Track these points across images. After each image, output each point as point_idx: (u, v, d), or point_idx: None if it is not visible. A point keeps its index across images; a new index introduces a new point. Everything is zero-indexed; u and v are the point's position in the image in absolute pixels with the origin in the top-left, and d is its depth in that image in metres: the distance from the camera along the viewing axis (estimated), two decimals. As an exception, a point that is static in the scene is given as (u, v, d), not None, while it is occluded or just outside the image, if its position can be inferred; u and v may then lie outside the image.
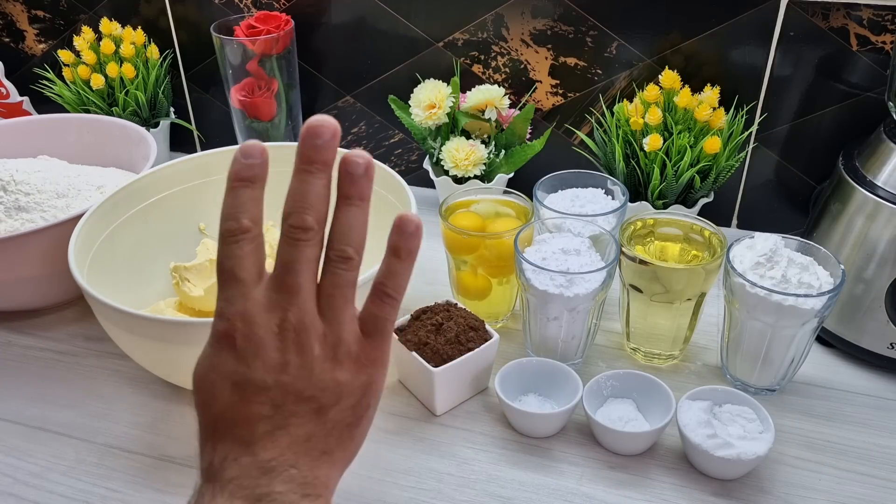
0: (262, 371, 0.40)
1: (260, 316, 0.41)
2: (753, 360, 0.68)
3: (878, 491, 0.61)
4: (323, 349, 0.41)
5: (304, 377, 0.41)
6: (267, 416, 0.40)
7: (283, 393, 0.40)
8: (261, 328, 0.40)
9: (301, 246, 0.42)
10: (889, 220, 0.68)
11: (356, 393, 0.42)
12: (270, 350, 0.40)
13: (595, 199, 0.78)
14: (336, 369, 0.41)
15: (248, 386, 0.40)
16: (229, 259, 0.41)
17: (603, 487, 0.61)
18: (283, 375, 0.40)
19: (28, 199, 0.78)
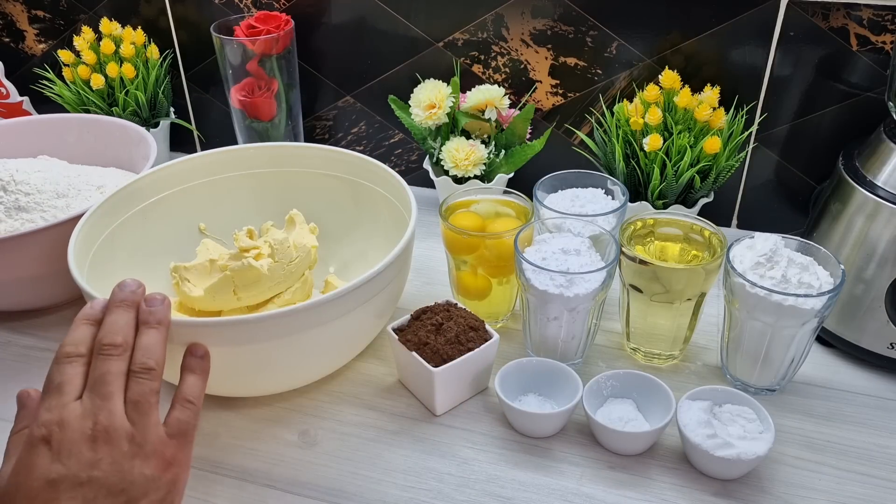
0: (76, 467, 0.45)
1: (75, 421, 0.47)
2: (753, 360, 0.68)
3: (878, 491, 0.61)
4: (131, 447, 0.47)
5: (114, 472, 0.46)
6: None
7: (96, 487, 0.45)
8: (75, 431, 0.46)
9: (111, 360, 0.49)
10: (889, 220, 0.68)
11: (162, 489, 0.48)
12: (84, 449, 0.46)
13: (595, 199, 0.78)
14: (144, 465, 0.47)
15: (62, 482, 0.45)
16: (60, 375, 0.49)
17: (603, 487, 0.61)
18: (95, 471, 0.45)
19: (28, 199, 0.78)
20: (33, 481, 0.45)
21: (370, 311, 0.65)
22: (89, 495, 0.45)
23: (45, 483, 0.45)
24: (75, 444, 0.46)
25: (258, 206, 0.84)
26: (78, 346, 0.50)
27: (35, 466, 0.45)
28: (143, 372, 0.50)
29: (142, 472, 0.47)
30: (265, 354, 0.62)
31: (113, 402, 0.48)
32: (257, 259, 0.71)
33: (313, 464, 0.64)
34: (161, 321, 0.53)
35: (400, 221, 0.74)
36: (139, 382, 0.49)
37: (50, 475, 0.45)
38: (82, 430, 0.46)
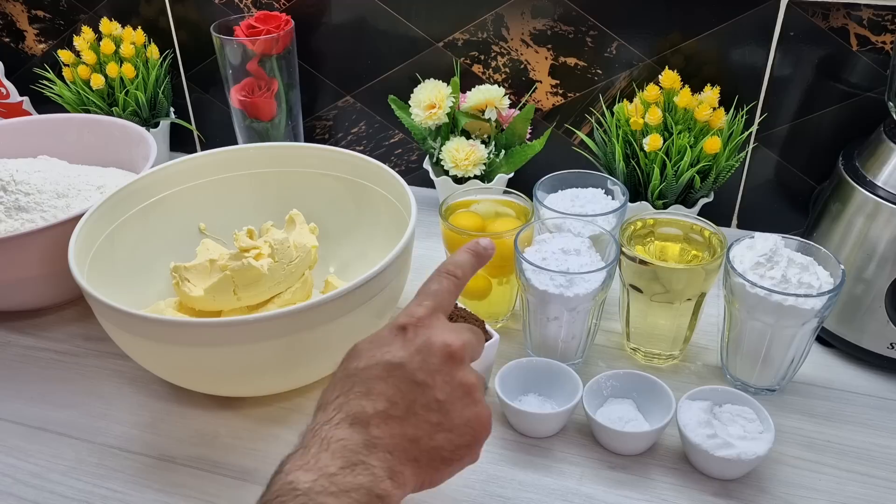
0: (418, 366, 0.46)
1: (439, 329, 0.48)
2: (753, 360, 0.68)
3: (879, 491, 0.61)
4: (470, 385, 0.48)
5: (444, 392, 0.46)
6: (396, 402, 0.45)
7: (421, 394, 0.46)
8: (437, 338, 0.47)
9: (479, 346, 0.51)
10: (889, 220, 0.68)
11: (465, 438, 0.47)
12: (434, 356, 0.47)
13: (595, 199, 0.78)
14: (470, 407, 0.47)
15: (399, 370, 0.46)
16: (438, 283, 0.51)
17: (603, 487, 0.61)
18: (431, 380, 0.46)
19: (28, 199, 0.78)
20: (377, 353, 0.47)
21: (370, 311, 0.65)
22: (411, 395, 0.46)
23: (385, 361, 0.46)
24: (430, 346, 0.47)
25: (258, 206, 0.84)
26: (458, 268, 0.52)
27: (385, 344, 0.47)
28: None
29: (464, 410, 0.47)
30: (265, 354, 0.62)
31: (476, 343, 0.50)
32: (257, 259, 0.71)
33: (313, 464, 0.64)
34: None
35: (400, 221, 0.74)
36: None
37: (394, 358, 0.46)
38: (441, 339, 0.47)
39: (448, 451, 0.46)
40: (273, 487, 0.42)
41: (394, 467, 0.44)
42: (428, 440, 0.46)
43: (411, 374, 0.46)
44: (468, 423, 0.47)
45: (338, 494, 0.41)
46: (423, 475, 0.46)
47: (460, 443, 0.47)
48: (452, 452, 0.47)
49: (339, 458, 0.42)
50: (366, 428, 0.44)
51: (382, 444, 0.44)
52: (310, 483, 0.41)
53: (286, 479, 0.41)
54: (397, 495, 0.44)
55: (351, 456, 0.43)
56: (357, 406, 0.45)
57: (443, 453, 0.46)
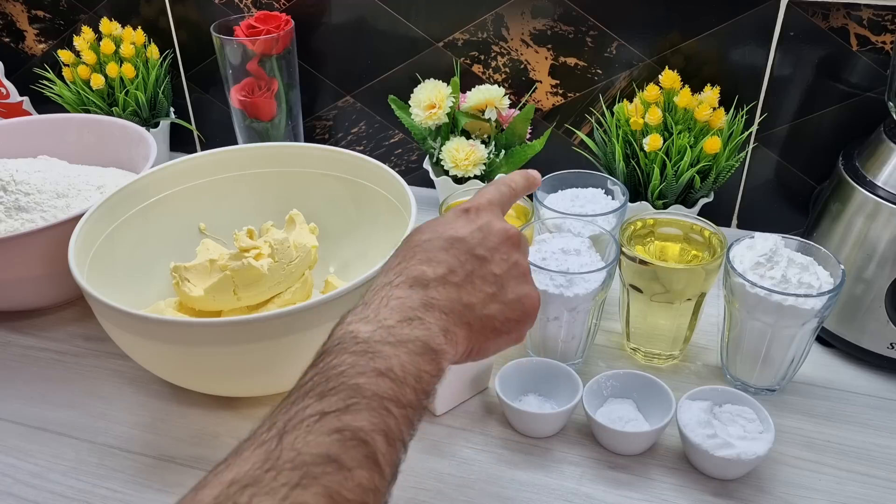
0: (478, 241, 0.49)
1: (499, 218, 0.52)
2: (753, 360, 0.68)
3: (879, 491, 0.61)
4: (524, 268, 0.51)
5: (501, 268, 0.49)
6: (454, 270, 0.48)
7: (480, 266, 0.49)
8: (497, 221, 0.51)
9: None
10: (889, 220, 0.68)
11: (516, 313, 0.50)
12: (493, 236, 0.50)
13: (595, 199, 0.78)
14: (524, 286, 0.50)
15: (461, 243, 0.49)
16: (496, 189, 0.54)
17: (603, 487, 0.61)
18: (490, 255, 0.49)
19: (28, 199, 0.78)
20: (440, 229, 0.50)
21: (370, 311, 0.65)
22: (469, 266, 0.48)
23: (448, 236, 0.49)
24: (490, 227, 0.50)
25: (258, 206, 0.84)
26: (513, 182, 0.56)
27: (449, 223, 0.50)
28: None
29: (517, 287, 0.50)
30: (265, 354, 0.62)
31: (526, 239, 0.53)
32: (257, 259, 0.71)
33: (313, 464, 0.64)
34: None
35: (400, 221, 0.74)
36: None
37: (456, 233, 0.49)
38: (501, 226, 0.51)
39: (499, 322, 0.49)
40: (334, 336, 0.44)
41: (448, 327, 0.46)
42: (482, 308, 0.48)
43: (472, 247, 0.49)
44: (520, 300, 0.50)
45: (395, 344, 0.43)
46: (474, 340, 0.48)
47: (511, 316, 0.49)
48: (503, 324, 0.49)
49: (398, 313, 0.44)
50: (424, 289, 0.46)
51: (439, 304, 0.46)
52: (369, 332, 0.43)
53: (347, 329, 0.43)
54: (449, 353, 0.45)
55: (409, 312, 0.45)
56: (418, 270, 0.47)
57: (494, 323, 0.48)
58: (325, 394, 0.40)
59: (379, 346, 0.42)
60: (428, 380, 0.43)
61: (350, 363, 0.41)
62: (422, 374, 0.43)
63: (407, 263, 0.48)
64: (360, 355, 0.41)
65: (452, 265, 0.48)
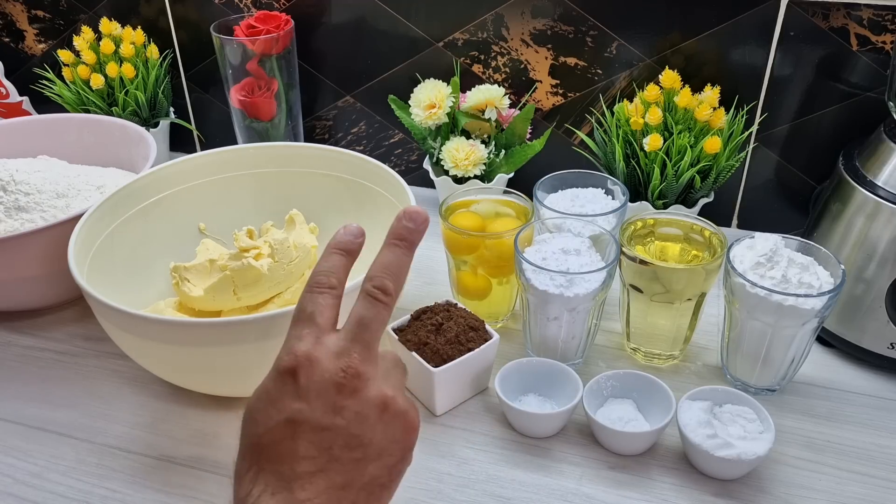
0: (320, 412, 0.42)
1: (328, 360, 0.43)
2: (754, 360, 0.68)
3: (879, 491, 0.61)
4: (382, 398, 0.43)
5: (357, 425, 0.42)
6: (312, 456, 0.41)
7: (334, 437, 0.42)
8: (327, 371, 0.42)
9: (379, 307, 0.45)
10: (889, 220, 0.68)
11: (396, 455, 0.44)
12: (331, 393, 0.42)
13: (595, 199, 0.78)
14: (392, 421, 0.43)
15: (302, 424, 0.42)
16: (311, 304, 0.45)
17: (603, 487, 0.61)
18: (338, 419, 0.42)
19: (28, 199, 0.78)
20: (273, 413, 0.42)
21: (370, 311, 0.65)
22: (326, 443, 0.42)
23: (284, 420, 0.42)
24: (324, 385, 0.42)
25: (258, 206, 0.84)
26: (332, 276, 0.46)
27: (277, 400, 0.43)
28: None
29: (385, 432, 0.43)
30: (265, 354, 0.61)
31: (372, 353, 0.44)
32: (257, 259, 0.71)
33: (313, 464, 0.64)
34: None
35: (400, 221, 0.74)
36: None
37: (292, 414, 0.42)
38: (335, 370, 0.42)
39: (385, 477, 0.44)
40: None
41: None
42: (360, 478, 0.42)
43: (317, 422, 0.41)
44: (394, 440, 0.44)
45: None
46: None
47: (393, 462, 0.44)
48: (389, 475, 0.44)
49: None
50: (291, 493, 0.40)
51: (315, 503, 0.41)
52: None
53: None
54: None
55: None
56: (273, 474, 0.41)
57: (380, 481, 0.43)
58: None
59: None
60: None
61: None
62: None
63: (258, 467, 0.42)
64: None
65: (308, 453, 0.41)
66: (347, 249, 0.48)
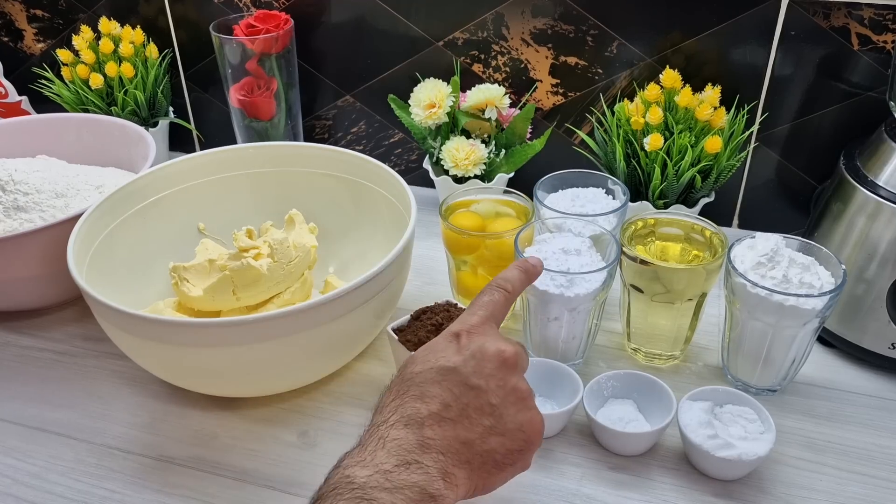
0: (471, 370, 0.47)
1: (491, 336, 0.50)
2: (754, 360, 0.68)
3: (879, 491, 0.61)
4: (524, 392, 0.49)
5: (497, 396, 0.47)
6: (449, 405, 0.46)
7: (474, 397, 0.47)
8: (487, 342, 0.49)
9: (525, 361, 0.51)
10: (890, 219, 0.68)
11: (518, 443, 0.48)
12: (487, 361, 0.48)
13: (595, 199, 0.78)
14: (524, 412, 0.48)
15: (453, 374, 0.47)
16: (491, 296, 0.53)
17: (603, 488, 0.61)
18: (483, 383, 0.47)
19: (27, 199, 0.78)
20: (431, 359, 0.48)
21: (370, 311, 0.65)
22: (464, 398, 0.46)
23: (439, 367, 0.47)
24: (483, 353, 0.48)
25: (258, 206, 0.84)
26: (508, 283, 0.54)
27: (439, 351, 0.49)
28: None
29: (517, 416, 0.48)
30: (265, 354, 0.62)
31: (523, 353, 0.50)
32: (257, 259, 0.71)
33: (312, 464, 0.64)
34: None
35: (400, 221, 0.74)
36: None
37: (447, 363, 0.48)
38: (492, 347, 0.48)
39: (500, 455, 0.47)
40: (330, 480, 0.43)
41: (447, 468, 0.44)
42: (481, 443, 0.46)
43: (465, 378, 0.47)
44: (521, 428, 0.47)
45: (392, 490, 0.42)
46: (476, 478, 0.46)
47: (512, 447, 0.47)
48: (504, 456, 0.47)
49: (395, 456, 0.43)
50: (420, 429, 0.45)
51: (435, 445, 0.45)
52: (365, 478, 0.42)
53: (343, 474, 0.43)
54: (450, 497, 0.44)
55: (405, 455, 0.44)
56: (411, 408, 0.46)
57: (495, 456, 0.47)
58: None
59: (375, 493, 0.41)
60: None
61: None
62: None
63: (401, 400, 0.47)
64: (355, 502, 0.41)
65: (446, 399, 0.46)
66: (528, 272, 0.56)
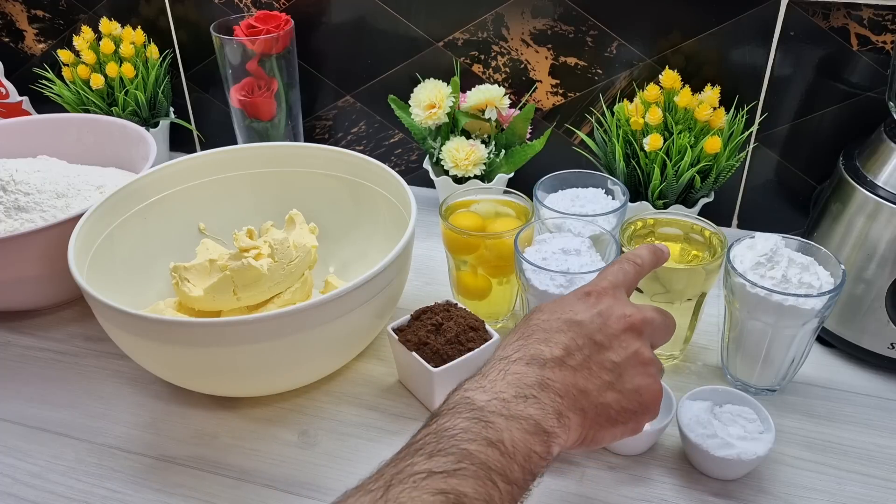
0: (596, 325, 0.48)
1: (621, 300, 0.51)
2: (754, 360, 0.68)
3: (879, 491, 0.61)
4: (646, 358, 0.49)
5: (619, 355, 0.48)
6: (571, 352, 0.47)
7: (596, 350, 0.48)
8: (616, 304, 0.50)
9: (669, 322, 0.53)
10: (889, 220, 0.68)
11: (634, 404, 0.48)
12: (614, 322, 0.49)
13: (595, 199, 0.78)
14: (643, 377, 0.49)
15: (578, 326, 0.48)
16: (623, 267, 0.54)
17: (603, 488, 0.61)
18: (606, 340, 0.48)
19: (28, 199, 0.78)
20: (559, 311, 0.50)
21: (370, 311, 0.65)
22: (587, 350, 0.47)
23: (567, 318, 0.49)
24: (609, 311, 0.49)
25: (258, 206, 0.84)
26: (639, 258, 0.55)
27: (568, 305, 0.50)
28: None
29: (636, 378, 0.48)
30: (265, 354, 0.62)
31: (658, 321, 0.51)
32: (257, 259, 0.71)
33: (313, 464, 0.64)
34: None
35: (400, 221, 0.74)
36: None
37: (574, 315, 0.49)
38: (619, 309, 0.50)
39: (615, 411, 0.47)
40: (449, 400, 0.44)
41: (562, 410, 0.45)
42: (597, 395, 0.47)
43: (591, 332, 0.48)
44: (638, 390, 0.48)
45: (508, 418, 0.43)
46: (587, 428, 0.47)
47: (627, 406, 0.48)
48: (618, 413, 0.48)
49: (514, 388, 0.44)
50: (541, 368, 0.46)
51: (554, 386, 0.45)
52: (485, 401, 0.43)
53: (464, 395, 0.44)
54: (562, 437, 0.45)
55: (525, 389, 0.44)
56: (535, 349, 0.47)
57: (609, 411, 0.47)
58: (434, 454, 0.41)
59: (492, 417, 0.42)
60: (536, 461, 0.43)
61: (462, 427, 0.42)
62: (531, 453, 0.42)
63: (525, 341, 0.48)
64: (473, 421, 0.42)
65: (570, 347, 0.47)
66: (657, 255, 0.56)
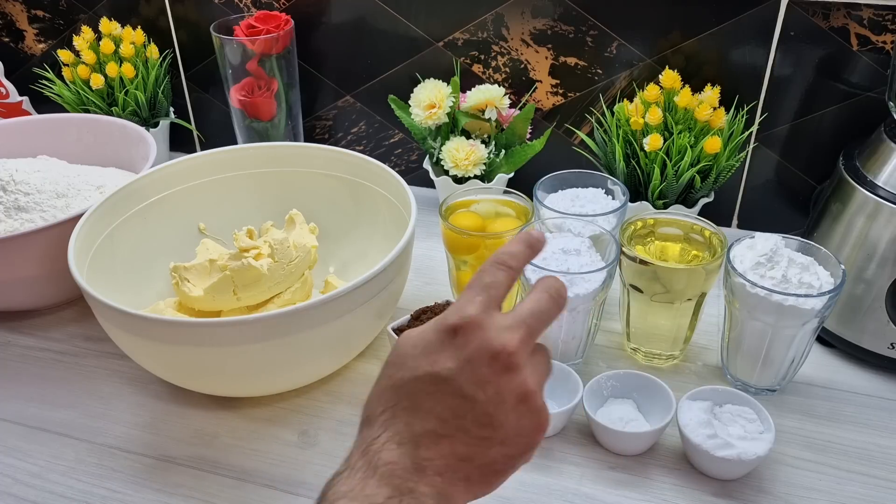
0: (466, 379, 0.42)
1: (492, 330, 0.43)
2: (754, 360, 0.68)
3: (879, 491, 0.61)
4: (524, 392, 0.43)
5: (493, 405, 0.42)
6: (445, 419, 0.42)
7: (470, 408, 0.42)
8: (486, 340, 0.42)
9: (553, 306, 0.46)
10: (889, 220, 0.68)
11: (520, 448, 0.44)
12: (483, 364, 0.42)
13: (595, 199, 0.78)
14: (527, 416, 0.43)
15: (447, 384, 0.42)
16: (491, 276, 0.45)
17: (603, 488, 0.61)
18: (480, 393, 0.42)
19: (28, 199, 0.78)
20: (424, 364, 0.43)
21: (370, 311, 0.65)
22: (461, 411, 0.42)
23: (433, 375, 0.42)
24: (479, 354, 0.42)
25: (258, 206, 0.84)
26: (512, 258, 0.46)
27: (432, 353, 0.43)
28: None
29: (517, 423, 0.43)
30: (265, 354, 0.62)
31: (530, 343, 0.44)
32: (257, 259, 0.71)
33: (313, 464, 0.64)
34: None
35: (400, 221, 0.74)
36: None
37: (441, 371, 0.42)
38: (494, 344, 0.42)
39: (501, 464, 0.44)
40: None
41: (444, 491, 0.41)
42: (481, 457, 0.43)
43: (460, 388, 0.42)
44: (522, 434, 0.44)
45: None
46: (475, 490, 0.44)
47: (514, 453, 0.44)
48: (506, 464, 0.44)
49: (387, 486, 0.40)
50: (415, 449, 0.42)
51: (433, 466, 0.41)
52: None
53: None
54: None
55: (399, 483, 0.40)
56: (405, 422, 0.42)
57: (496, 467, 0.44)
58: None
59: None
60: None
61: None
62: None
63: (392, 413, 0.43)
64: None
65: (442, 414, 0.42)
66: (532, 245, 0.48)
